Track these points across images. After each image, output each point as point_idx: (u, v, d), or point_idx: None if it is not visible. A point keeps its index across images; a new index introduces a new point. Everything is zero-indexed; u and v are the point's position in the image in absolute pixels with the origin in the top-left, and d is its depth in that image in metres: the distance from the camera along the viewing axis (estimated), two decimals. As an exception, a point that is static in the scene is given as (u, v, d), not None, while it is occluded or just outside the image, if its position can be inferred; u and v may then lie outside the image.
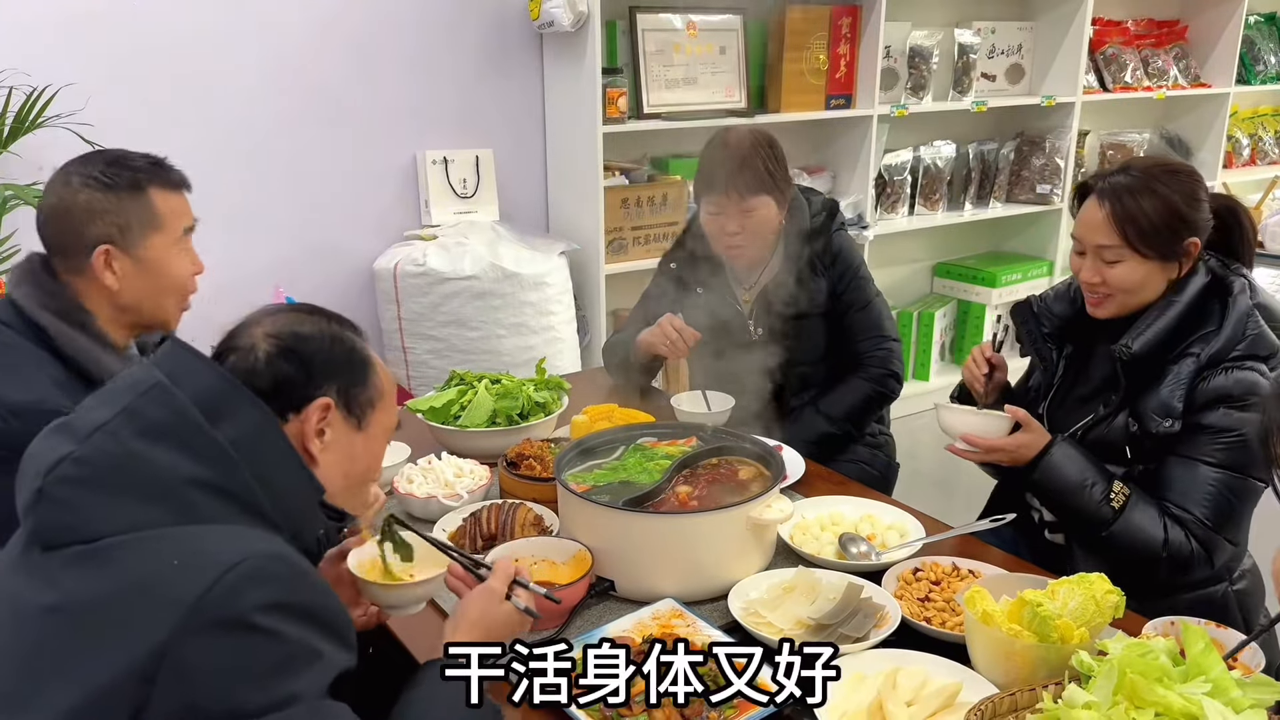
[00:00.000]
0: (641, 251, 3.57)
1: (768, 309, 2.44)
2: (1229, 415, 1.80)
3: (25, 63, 2.67)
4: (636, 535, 1.63)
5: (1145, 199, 1.85)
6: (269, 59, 3.10)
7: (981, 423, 1.95)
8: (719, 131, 2.43)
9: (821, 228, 2.43)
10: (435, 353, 3.26)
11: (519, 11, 3.43)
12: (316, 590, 1.13)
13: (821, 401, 2.43)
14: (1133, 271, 1.87)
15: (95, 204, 1.66)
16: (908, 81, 4.22)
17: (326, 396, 1.23)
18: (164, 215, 1.71)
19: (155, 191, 1.71)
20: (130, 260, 1.69)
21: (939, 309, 4.58)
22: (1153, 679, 1.13)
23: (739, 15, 3.70)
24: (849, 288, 2.44)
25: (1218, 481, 1.81)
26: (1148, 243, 1.85)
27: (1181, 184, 1.88)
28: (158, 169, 1.73)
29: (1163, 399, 1.84)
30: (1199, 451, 1.83)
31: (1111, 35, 4.82)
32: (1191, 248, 1.87)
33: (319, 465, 1.23)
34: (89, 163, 1.70)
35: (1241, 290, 1.87)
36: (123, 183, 1.68)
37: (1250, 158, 5.44)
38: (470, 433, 2.16)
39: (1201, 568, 1.83)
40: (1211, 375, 1.82)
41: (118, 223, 1.67)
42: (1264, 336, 1.84)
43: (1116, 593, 1.40)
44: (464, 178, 3.44)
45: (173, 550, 1.06)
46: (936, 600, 1.61)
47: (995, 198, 4.59)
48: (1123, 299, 1.91)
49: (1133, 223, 1.85)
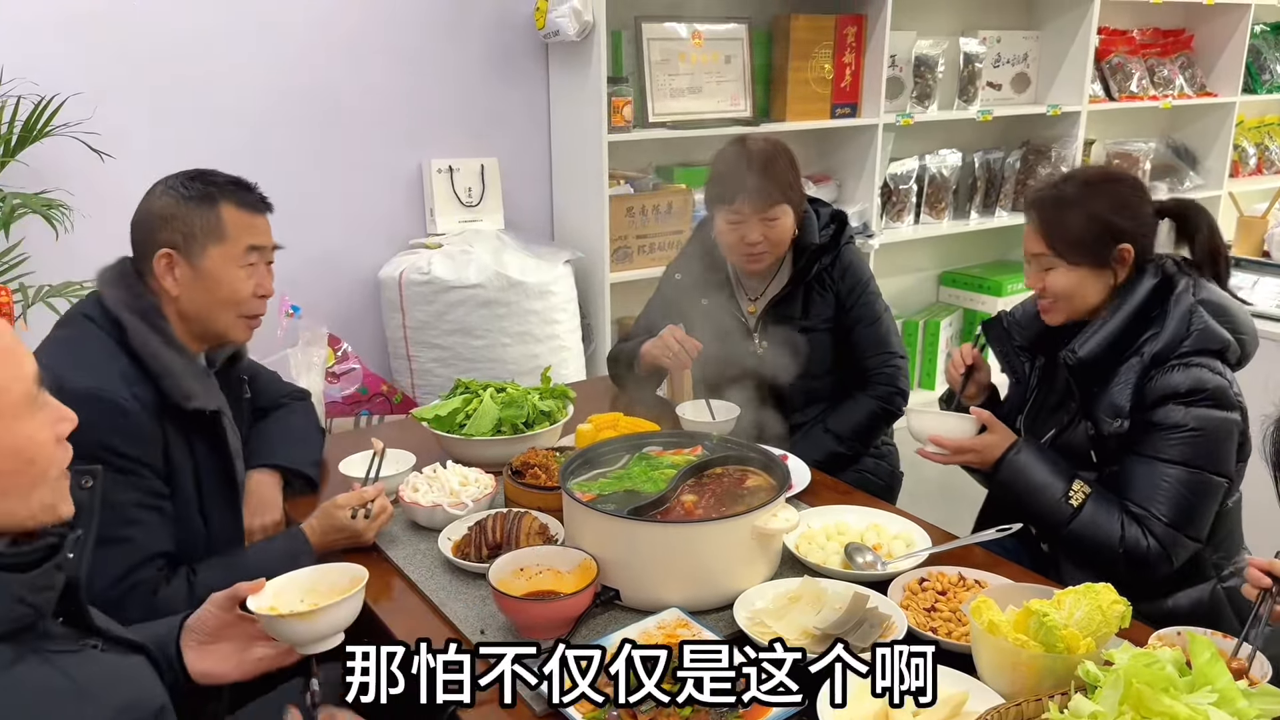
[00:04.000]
0: (646, 260, 3.57)
1: (773, 322, 2.44)
2: (1178, 411, 1.83)
3: (33, 72, 2.68)
4: (641, 544, 1.63)
5: (1071, 209, 1.91)
6: (275, 67, 3.11)
7: (948, 424, 2.00)
8: (734, 140, 2.41)
9: (831, 241, 2.42)
10: (440, 361, 3.27)
11: (524, 21, 3.44)
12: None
13: (829, 420, 2.42)
14: (1064, 278, 1.93)
15: (168, 210, 1.75)
16: (913, 90, 4.22)
17: None
18: (229, 229, 1.77)
19: (226, 206, 1.78)
20: (189, 268, 1.76)
21: (945, 317, 4.57)
22: (1159, 689, 1.12)
23: (744, 24, 3.70)
24: (857, 303, 2.43)
25: (1174, 478, 1.83)
26: (1075, 250, 1.91)
27: (1114, 193, 1.93)
28: (234, 186, 1.81)
29: (1111, 399, 1.89)
30: (1154, 449, 1.85)
31: (1117, 44, 4.82)
32: (1124, 254, 1.91)
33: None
34: (177, 175, 1.79)
35: (1185, 289, 1.90)
36: (196, 194, 1.76)
37: (1257, 167, 5.43)
38: (475, 441, 2.16)
39: (1161, 565, 1.84)
40: (1158, 373, 1.85)
41: (183, 230, 1.75)
42: (1210, 331, 1.86)
43: (1123, 603, 1.39)
44: (469, 186, 3.45)
45: None
46: (942, 610, 1.60)
47: (1001, 206, 4.58)
48: (1065, 305, 1.97)
49: (1058, 232, 1.92)
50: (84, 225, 2.68)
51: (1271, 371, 1.90)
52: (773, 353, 2.42)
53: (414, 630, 1.60)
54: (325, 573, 1.49)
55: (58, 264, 2.61)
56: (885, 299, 2.50)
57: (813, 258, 2.40)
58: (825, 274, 2.42)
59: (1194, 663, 1.17)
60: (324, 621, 1.36)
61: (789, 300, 2.42)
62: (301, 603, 1.43)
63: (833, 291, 2.42)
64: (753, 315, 2.47)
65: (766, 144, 2.36)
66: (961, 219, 4.51)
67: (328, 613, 1.36)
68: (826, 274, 2.42)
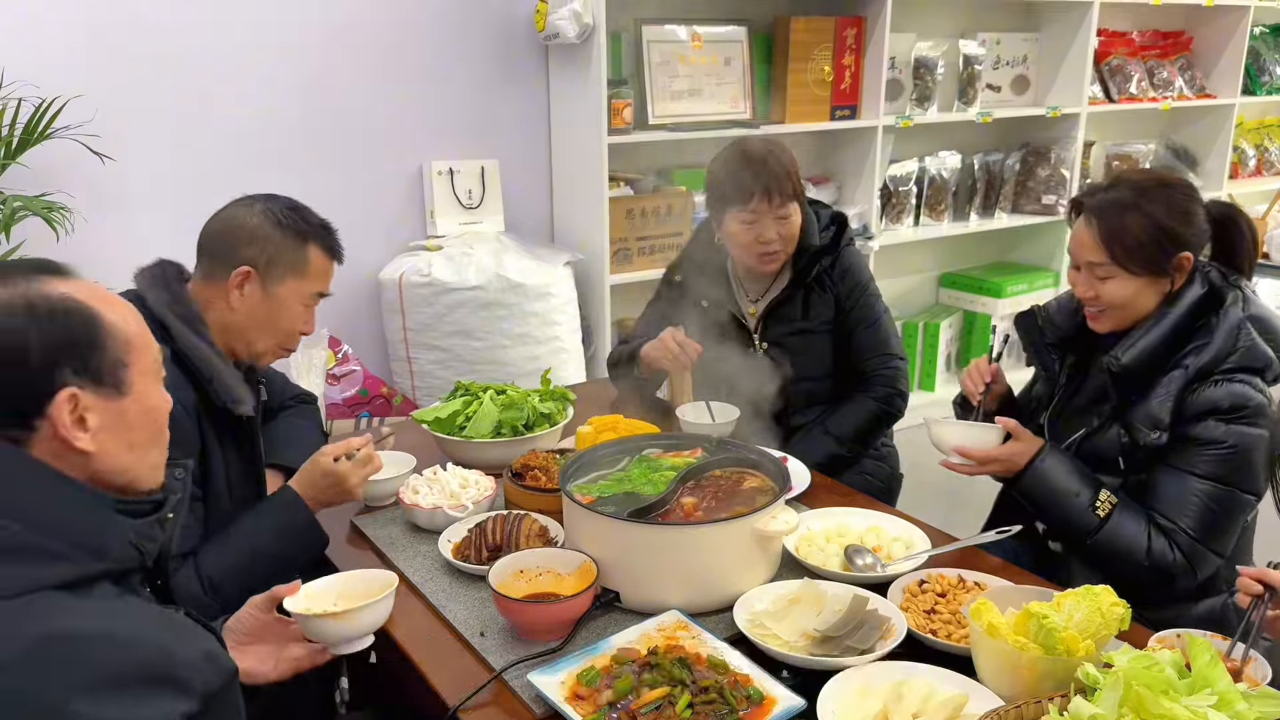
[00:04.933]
0: (646, 262, 3.58)
1: (773, 324, 2.44)
2: (1218, 427, 1.80)
3: (34, 74, 2.69)
4: (641, 546, 1.63)
5: (1132, 216, 1.86)
6: (276, 69, 3.11)
7: (974, 435, 1.97)
8: (734, 143, 2.41)
9: (831, 242, 2.42)
10: (440, 363, 3.27)
11: (525, 23, 3.44)
12: (115, 645, 0.99)
13: (829, 421, 2.42)
14: (1123, 287, 1.88)
15: (260, 231, 1.80)
16: (913, 92, 4.23)
17: (66, 387, 1.06)
18: (310, 269, 1.85)
19: (314, 247, 1.85)
20: (261, 290, 1.81)
21: (944, 319, 4.58)
22: (1158, 691, 1.12)
23: (743, 26, 3.70)
24: (857, 304, 2.43)
25: (1204, 493, 1.81)
26: (1135, 260, 1.86)
27: (1172, 199, 1.88)
28: (325, 232, 1.89)
29: (1151, 410, 1.85)
30: (1187, 463, 1.83)
31: (1116, 46, 4.83)
32: (1184, 262, 1.87)
33: (98, 456, 1.09)
34: (275, 200, 1.86)
35: (1234, 302, 1.87)
36: (292, 225, 1.83)
37: (1256, 168, 5.44)
38: (475, 443, 2.16)
39: (1185, 579, 1.83)
40: (1201, 387, 1.82)
41: (270, 254, 1.80)
42: (1256, 349, 1.83)
43: (1122, 605, 1.40)
44: (469, 188, 3.45)
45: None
46: (942, 612, 1.60)
47: (1000, 208, 4.59)
48: (1117, 314, 1.92)
49: (1120, 241, 1.86)
50: (84, 227, 2.68)
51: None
52: (773, 354, 2.42)
53: (414, 632, 1.60)
54: (357, 578, 1.57)
55: (58, 266, 2.61)
56: (885, 301, 2.50)
57: (813, 259, 2.40)
58: (825, 275, 2.42)
59: (1193, 665, 1.17)
60: (358, 622, 1.45)
61: (789, 302, 2.43)
62: (335, 604, 1.50)
63: (832, 293, 2.42)
64: (753, 317, 2.48)
65: (769, 144, 2.37)
66: (961, 221, 4.51)
67: (361, 613, 1.45)
68: (826, 275, 2.42)
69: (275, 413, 2.16)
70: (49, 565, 1.01)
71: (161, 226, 2.81)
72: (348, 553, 1.89)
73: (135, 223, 2.93)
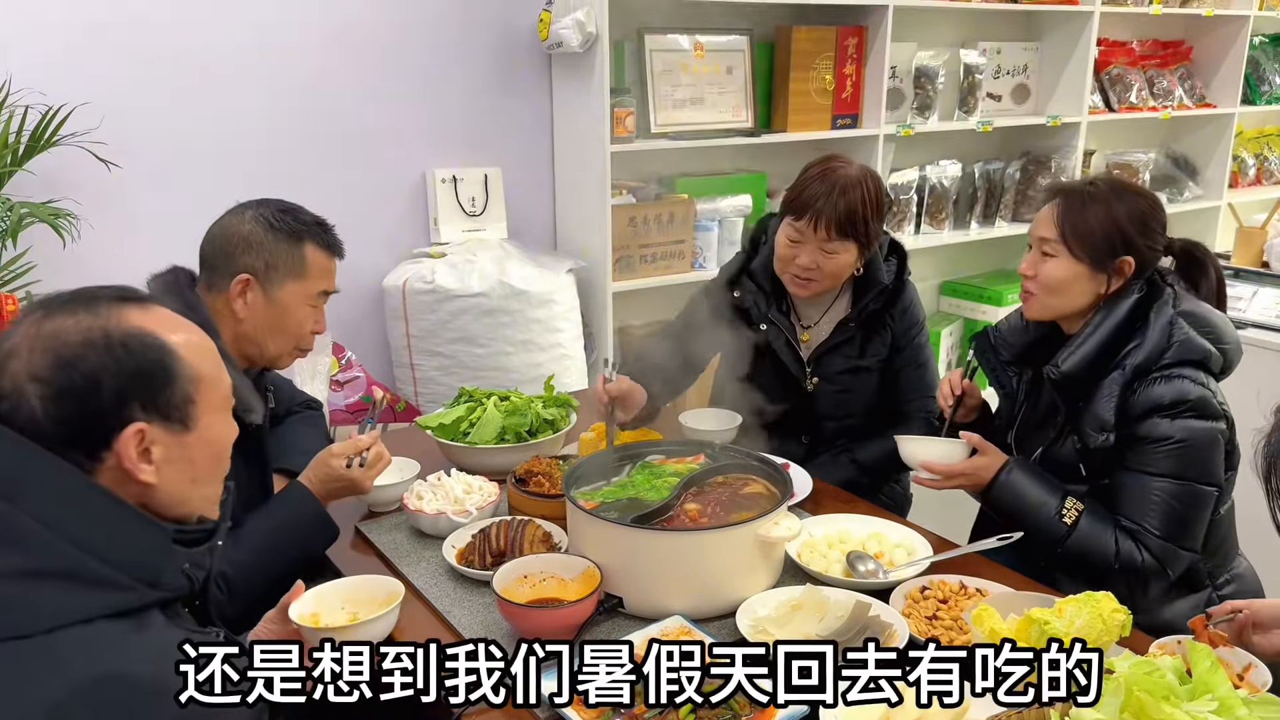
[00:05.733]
0: (648, 269, 3.59)
1: (828, 360, 2.33)
2: (1163, 424, 1.83)
3: (40, 82, 2.70)
4: (645, 552, 1.64)
5: (1095, 207, 1.91)
6: (279, 77, 3.12)
7: (939, 450, 2.01)
8: (827, 157, 2.27)
9: (895, 280, 2.32)
10: (443, 369, 3.28)
11: (528, 32, 3.46)
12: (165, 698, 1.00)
13: (858, 451, 2.35)
14: (1060, 269, 1.92)
15: (254, 237, 1.81)
16: (914, 101, 4.24)
17: (134, 421, 1.08)
18: (309, 269, 1.85)
19: (310, 246, 1.85)
20: (264, 296, 1.81)
21: (945, 327, 4.58)
22: (1159, 697, 1.13)
23: (745, 36, 3.72)
24: (910, 344, 2.34)
25: (1165, 490, 1.84)
26: (1082, 244, 1.91)
27: (1138, 206, 1.93)
28: (320, 229, 1.88)
29: (1097, 413, 1.89)
30: (1142, 463, 1.86)
31: (1117, 56, 4.84)
32: (1124, 266, 1.91)
33: (159, 488, 1.11)
34: (266, 204, 1.86)
35: (1165, 300, 1.91)
36: (285, 228, 1.83)
37: (1256, 177, 5.45)
38: (479, 449, 2.17)
39: (1158, 578, 1.85)
40: (1142, 386, 1.85)
41: (266, 259, 1.81)
42: (1190, 342, 1.86)
43: (1123, 611, 1.40)
44: (472, 196, 3.47)
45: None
46: (944, 618, 1.61)
47: (1001, 217, 4.60)
48: (1046, 299, 1.96)
49: (1074, 223, 1.91)
50: (90, 235, 2.69)
51: (1265, 383, 1.90)
52: (821, 389, 2.33)
53: (419, 637, 1.60)
54: (363, 583, 1.59)
55: (64, 273, 2.62)
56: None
57: (877, 293, 2.29)
58: (885, 312, 2.32)
59: (1194, 671, 1.18)
60: (363, 635, 1.46)
61: (848, 341, 2.31)
62: (342, 609, 1.53)
63: (890, 330, 2.32)
64: (806, 344, 2.35)
65: (855, 172, 2.20)
66: (962, 229, 4.52)
67: (367, 627, 1.47)
68: (887, 313, 2.32)
69: (281, 419, 2.17)
70: (105, 593, 1.01)
71: (166, 233, 2.81)
72: (352, 558, 1.89)
73: (140, 229, 2.94)
